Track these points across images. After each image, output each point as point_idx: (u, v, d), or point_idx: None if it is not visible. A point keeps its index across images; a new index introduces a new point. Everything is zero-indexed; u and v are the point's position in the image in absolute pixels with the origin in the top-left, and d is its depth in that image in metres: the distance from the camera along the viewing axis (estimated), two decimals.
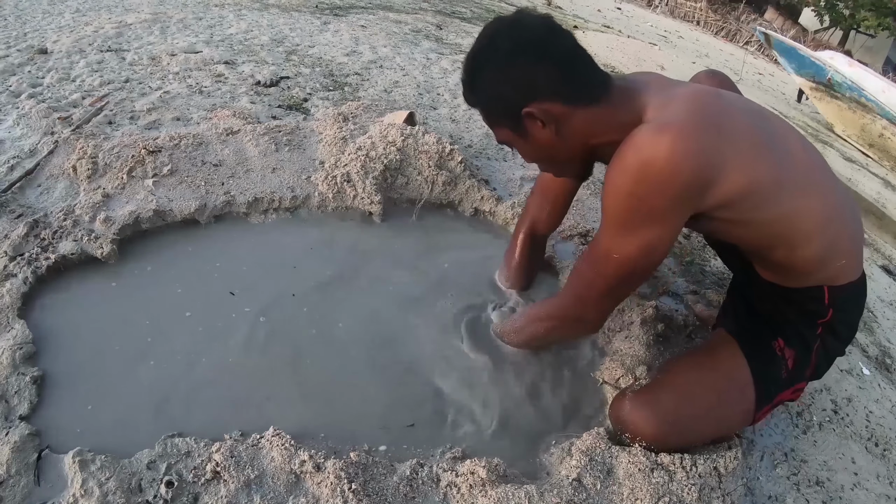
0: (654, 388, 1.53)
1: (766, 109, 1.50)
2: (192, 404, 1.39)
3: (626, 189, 1.24)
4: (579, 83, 1.34)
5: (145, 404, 1.37)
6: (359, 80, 3.72)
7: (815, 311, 1.52)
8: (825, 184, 1.41)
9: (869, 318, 2.80)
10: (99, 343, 1.48)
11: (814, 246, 1.39)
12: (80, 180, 1.99)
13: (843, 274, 1.48)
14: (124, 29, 4.02)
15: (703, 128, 1.23)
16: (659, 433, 1.44)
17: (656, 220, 1.25)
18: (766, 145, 1.32)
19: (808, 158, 1.41)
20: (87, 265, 1.70)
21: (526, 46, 1.31)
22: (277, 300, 1.74)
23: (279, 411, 1.42)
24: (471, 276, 2.03)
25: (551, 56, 1.31)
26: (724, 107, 1.33)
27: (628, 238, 1.29)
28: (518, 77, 1.33)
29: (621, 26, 14.22)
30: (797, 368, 1.53)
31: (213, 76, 3.25)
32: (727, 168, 1.23)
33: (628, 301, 1.97)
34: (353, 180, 2.19)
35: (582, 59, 1.34)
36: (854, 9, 24.46)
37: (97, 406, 1.34)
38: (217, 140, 2.30)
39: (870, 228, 4.62)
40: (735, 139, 1.26)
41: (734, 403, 1.50)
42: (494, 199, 2.40)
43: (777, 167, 1.31)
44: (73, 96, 2.71)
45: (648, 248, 1.29)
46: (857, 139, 9.15)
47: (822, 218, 1.37)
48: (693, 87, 1.41)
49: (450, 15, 7.32)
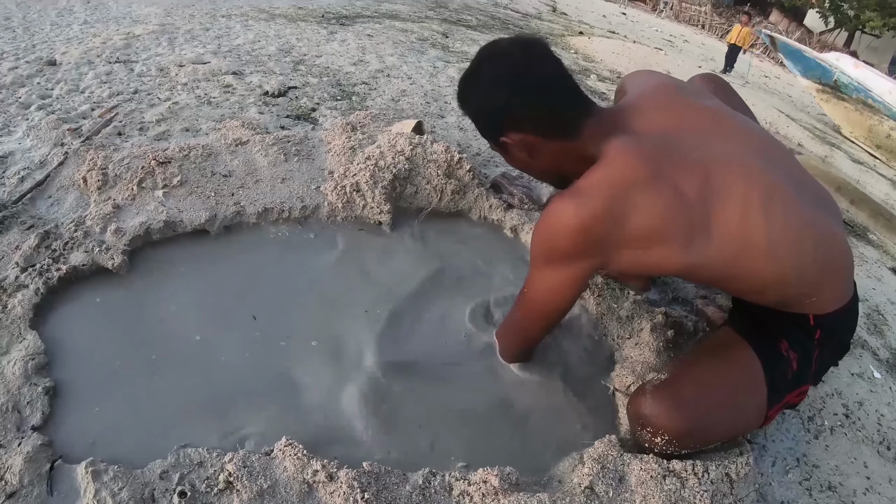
0: (673, 382, 1.54)
1: (754, 134, 1.55)
2: (205, 415, 1.39)
3: (541, 238, 1.45)
4: (552, 119, 1.47)
5: (157, 415, 1.37)
6: (366, 89, 3.73)
7: (805, 329, 1.56)
8: (785, 227, 1.39)
9: (879, 320, 2.79)
10: (111, 354, 1.49)
11: (771, 293, 1.49)
12: (90, 191, 2.00)
13: (824, 305, 1.52)
14: (132, 40, 4.06)
15: (615, 197, 1.34)
16: (682, 426, 1.44)
17: (562, 265, 1.45)
18: (707, 201, 1.35)
19: (782, 207, 1.40)
20: (98, 276, 1.70)
21: (507, 79, 1.44)
22: (288, 311, 1.74)
23: (292, 421, 1.42)
24: (481, 282, 2.04)
25: (529, 91, 1.43)
26: (676, 157, 1.39)
27: (541, 279, 1.51)
28: (496, 108, 1.47)
29: (626, 31, 14.29)
30: (801, 370, 1.55)
31: (221, 87, 3.27)
32: (628, 230, 1.35)
33: (637, 308, 1.98)
34: (363, 190, 2.19)
35: (559, 93, 1.47)
36: (859, 9, 24.52)
37: (109, 416, 1.34)
38: (226, 151, 2.31)
39: (879, 230, 4.61)
40: (659, 190, 1.34)
41: (750, 396, 1.51)
42: (503, 208, 2.41)
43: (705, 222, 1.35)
44: (83, 108, 2.73)
45: (555, 290, 1.50)
46: (864, 140, 9.14)
47: (771, 266, 1.41)
48: (664, 126, 1.47)
49: (455, 23, 7.35)
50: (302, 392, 1.51)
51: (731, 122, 1.52)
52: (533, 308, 1.59)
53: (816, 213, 1.47)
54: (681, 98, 1.56)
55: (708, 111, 1.53)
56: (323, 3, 6.83)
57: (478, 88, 1.50)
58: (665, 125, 1.45)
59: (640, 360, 1.79)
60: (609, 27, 14.03)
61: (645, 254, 1.39)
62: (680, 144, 1.40)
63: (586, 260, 1.42)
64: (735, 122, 1.53)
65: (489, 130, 1.55)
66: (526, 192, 2.47)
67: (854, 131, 9.34)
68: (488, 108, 1.50)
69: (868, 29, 25.38)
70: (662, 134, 1.43)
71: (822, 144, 7.60)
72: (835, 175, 6.12)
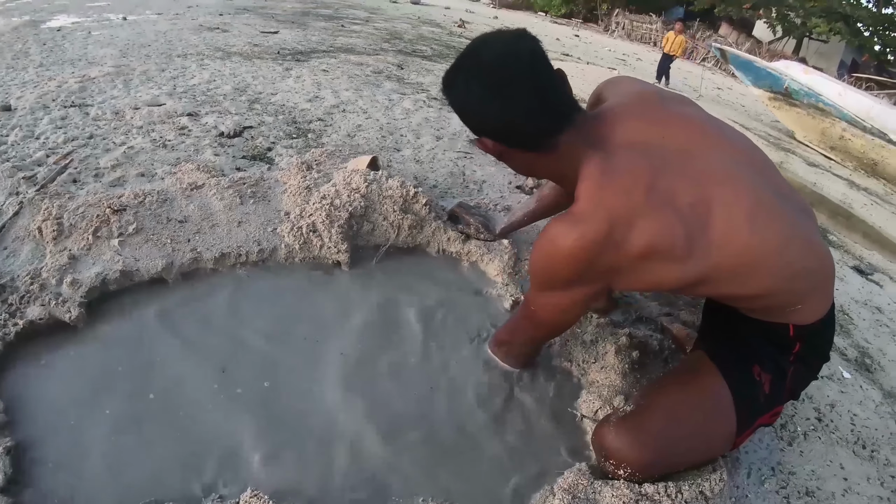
0: (638, 413, 1.55)
1: (737, 144, 1.56)
2: (170, 469, 1.39)
3: (541, 265, 1.48)
4: (524, 137, 1.48)
5: (122, 470, 1.36)
6: (322, 125, 3.77)
7: (783, 343, 1.57)
8: (775, 237, 1.41)
9: (845, 320, 2.89)
10: (72, 410, 1.47)
11: (761, 301, 1.50)
12: (46, 242, 1.99)
13: (809, 314, 1.53)
14: (88, 83, 4.04)
15: (614, 223, 1.33)
16: (645, 459, 1.46)
17: (563, 290, 1.48)
18: (696, 213, 1.36)
19: (760, 218, 1.40)
20: (56, 329, 1.69)
21: (485, 88, 1.42)
22: (250, 357, 1.74)
23: (256, 471, 1.42)
24: (444, 317, 2.07)
25: (503, 107, 1.42)
26: (665, 172, 1.38)
27: (543, 299, 1.56)
28: (471, 111, 1.50)
29: (580, 53, 14.50)
30: (773, 392, 1.57)
31: (176, 129, 3.27)
32: (629, 253, 1.35)
33: (601, 331, 2.01)
34: (319, 230, 2.21)
35: (534, 113, 1.43)
36: (805, 17, 25.15)
37: (73, 474, 1.33)
38: (182, 196, 2.33)
39: (839, 230, 4.76)
40: (656, 208, 1.34)
41: (717, 427, 1.53)
42: (461, 240, 2.44)
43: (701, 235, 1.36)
44: (38, 154, 2.71)
45: (558, 309, 1.55)
46: (818, 143, 9.42)
47: (765, 275, 1.42)
48: (648, 138, 1.46)
49: (410, 54, 7.43)
50: (266, 441, 1.50)
51: (714, 133, 1.53)
52: (541, 322, 1.65)
53: (801, 223, 1.49)
54: (663, 108, 1.57)
55: (690, 121, 1.54)
56: (278, 40, 6.86)
57: (457, 86, 1.48)
58: (647, 137, 1.45)
59: (606, 384, 1.82)
60: (563, 50, 14.23)
61: (645, 273, 1.40)
62: (666, 157, 1.41)
63: (588, 285, 1.45)
64: (717, 132, 1.54)
65: (467, 125, 1.55)
66: (482, 222, 2.51)
67: (808, 135, 9.61)
68: (465, 109, 1.51)
69: (815, 35, 26.05)
70: (646, 147, 1.43)
71: (778, 151, 7.80)
72: (791, 180, 6.27)
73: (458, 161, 3.50)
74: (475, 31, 13.02)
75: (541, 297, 1.56)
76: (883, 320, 3.12)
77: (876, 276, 3.89)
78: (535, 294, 1.58)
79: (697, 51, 23.88)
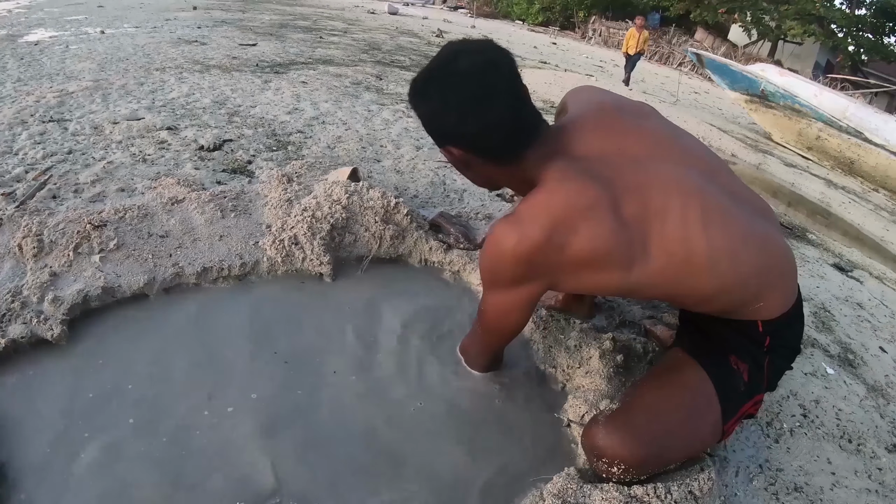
0: (625, 410, 1.58)
1: (691, 152, 1.59)
2: (155, 488, 1.37)
3: (486, 264, 1.55)
4: (491, 150, 1.50)
5: (108, 491, 1.34)
6: (301, 137, 3.78)
7: (754, 338, 1.60)
8: (724, 241, 1.44)
9: (827, 317, 2.92)
10: (55, 428, 1.46)
11: (716, 302, 1.54)
12: (26, 259, 1.98)
13: (773, 310, 1.56)
14: (66, 98, 4.02)
15: (555, 226, 1.37)
16: (637, 453, 1.46)
17: (508, 289, 1.53)
18: (647, 215, 1.39)
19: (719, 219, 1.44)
20: (38, 348, 1.68)
21: (456, 100, 1.43)
22: (237, 375, 1.73)
23: (244, 492, 1.40)
24: (428, 328, 2.07)
25: (473, 121, 1.43)
26: (615, 182, 1.41)
27: (491, 299, 1.61)
28: (439, 122, 1.50)
29: (558, 61, 14.57)
30: (752, 381, 1.59)
31: (155, 143, 3.27)
32: (569, 256, 1.39)
33: (584, 336, 2.03)
34: (301, 242, 2.22)
35: (503, 130, 1.46)
36: (779, 20, 25.39)
37: (56, 493, 1.32)
38: (162, 210, 2.32)
39: (818, 229, 4.82)
40: (599, 216, 1.37)
41: (703, 416, 1.55)
42: (443, 250, 2.45)
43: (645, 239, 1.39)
44: (17, 170, 2.70)
45: (503, 310, 1.60)
46: (795, 144, 9.54)
47: (713, 278, 1.45)
48: (603, 149, 1.50)
49: (389, 64, 7.45)
50: (254, 459, 1.48)
51: (668, 143, 1.57)
52: (489, 326, 1.71)
53: (754, 223, 1.52)
54: (620, 119, 1.60)
55: (646, 132, 1.58)
56: (257, 52, 6.86)
57: (429, 95, 1.48)
58: (604, 148, 1.49)
59: (591, 389, 1.83)
60: (541, 58, 14.29)
61: (587, 276, 1.44)
62: (619, 168, 1.44)
63: (531, 284, 1.49)
64: (671, 142, 1.58)
65: (432, 135, 1.56)
66: (463, 232, 2.53)
67: (784, 136, 9.74)
68: (436, 118, 1.50)
69: (790, 38, 26.34)
70: (601, 157, 1.46)
71: (756, 153, 7.88)
72: (769, 181, 6.34)
73: (439, 171, 3.52)
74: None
75: (489, 298, 1.62)
76: (864, 315, 3.16)
77: (856, 272, 3.95)
78: (484, 296, 1.65)
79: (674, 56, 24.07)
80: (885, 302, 3.54)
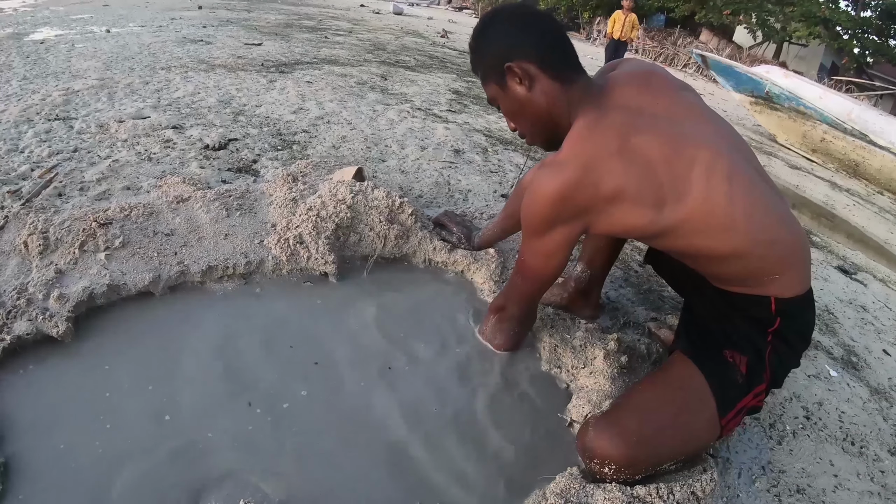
0: (614, 410, 1.60)
1: (722, 127, 1.68)
2: (161, 486, 1.37)
3: (528, 210, 1.60)
4: (555, 58, 1.64)
5: (114, 488, 1.34)
6: (307, 137, 3.78)
7: (762, 318, 1.62)
8: (748, 202, 1.52)
9: (830, 319, 2.92)
10: (60, 426, 1.46)
11: (734, 264, 1.58)
12: (31, 256, 1.98)
13: (788, 288, 1.59)
14: (72, 96, 4.02)
15: (590, 166, 1.48)
16: (625, 453, 1.48)
17: (547, 232, 1.59)
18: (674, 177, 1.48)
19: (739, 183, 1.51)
20: (44, 345, 1.68)
21: (523, 17, 1.63)
22: (242, 373, 1.73)
23: (251, 488, 1.40)
24: (429, 328, 2.08)
25: (541, 30, 1.62)
26: (648, 130, 1.51)
27: (532, 246, 1.67)
28: (510, 38, 1.63)
29: None
30: (751, 373, 1.60)
31: (161, 142, 3.27)
32: (603, 194, 1.48)
33: (590, 336, 2.04)
34: (306, 241, 2.23)
35: (563, 44, 1.65)
36: (785, 21, 25.28)
37: (64, 492, 1.32)
38: (168, 209, 2.33)
39: (822, 231, 4.80)
40: (631, 158, 1.48)
41: (696, 412, 1.56)
42: (447, 250, 2.46)
43: (673, 188, 1.48)
44: (22, 168, 2.70)
45: (543, 254, 1.66)
46: (799, 146, 9.51)
47: (735, 235, 1.51)
48: (641, 103, 1.60)
49: (394, 65, 7.44)
50: (262, 457, 1.49)
51: (704, 113, 1.66)
52: (531, 272, 1.76)
53: (776, 200, 1.60)
54: (661, 83, 1.69)
55: (684, 100, 1.67)
56: (262, 52, 6.85)
57: (497, 21, 1.66)
58: (641, 103, 1.58)
59: (595, 389, 1.84)
60: None
61: (619, 215, 1.51)
62: (654, 120, 1.54)
63: (569, 224, 1.56)
64: (707, 114, 1.67)
65: (497, 61, 1.64)
66: (465, 232, 2.53)
67: (789, 138, 9.70)
68: (504, 38, 1.64)
69: (795, 39, 26.23)
70: (638, 109, 1.56)
71: (760, 154, 7.86)
72: (774, 182, 6.33)
73: (444, 171, 3.53)
74: (458, 40, 13.07)
75: (531, 244, 1.66)
76: (868, 318, 3.16)
77: (860, 275, 3.95)
78: (524, 244, 1.70)
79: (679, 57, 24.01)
80: (890, 305, 3.54)
